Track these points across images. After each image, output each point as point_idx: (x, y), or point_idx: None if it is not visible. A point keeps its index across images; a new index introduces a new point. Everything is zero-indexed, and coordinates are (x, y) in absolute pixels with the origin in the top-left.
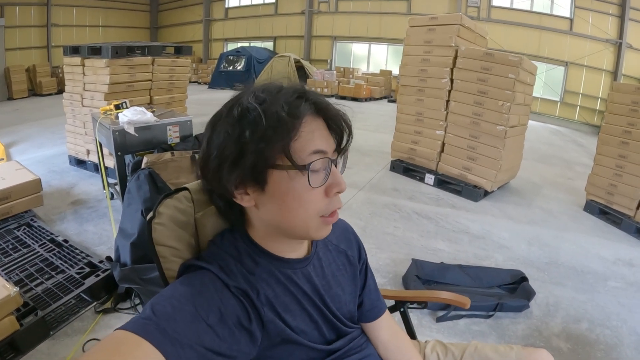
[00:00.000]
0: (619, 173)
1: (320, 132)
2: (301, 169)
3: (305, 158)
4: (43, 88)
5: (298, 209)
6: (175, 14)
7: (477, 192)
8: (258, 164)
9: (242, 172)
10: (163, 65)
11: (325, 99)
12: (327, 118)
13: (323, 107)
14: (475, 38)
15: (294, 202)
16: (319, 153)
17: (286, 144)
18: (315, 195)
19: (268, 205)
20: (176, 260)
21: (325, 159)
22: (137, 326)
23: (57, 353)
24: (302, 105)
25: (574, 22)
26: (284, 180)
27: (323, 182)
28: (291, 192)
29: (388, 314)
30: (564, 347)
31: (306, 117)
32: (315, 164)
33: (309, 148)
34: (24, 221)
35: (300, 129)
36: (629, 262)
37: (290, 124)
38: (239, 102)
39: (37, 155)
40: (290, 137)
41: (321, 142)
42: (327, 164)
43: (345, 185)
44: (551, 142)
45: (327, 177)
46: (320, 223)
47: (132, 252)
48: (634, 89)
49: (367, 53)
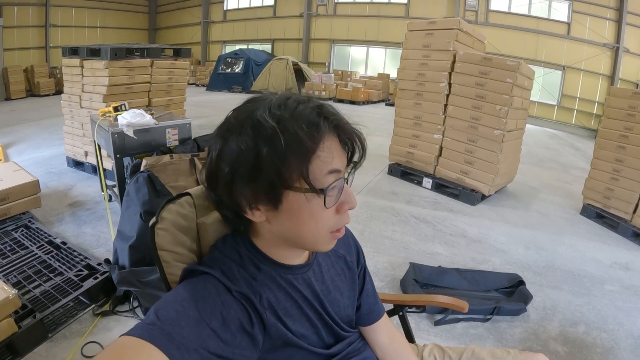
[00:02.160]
0: (616, 177)
1: (336, 150)
2: (319, 193)
3: (322, 179)
4: (41, 89)
5: (310, 227)
6: (173, 15)
7: (475, 196)
8: (274, 184)
9: (256, 190)
10: (162, 67)
11: (341, 115)
12: (342, 135)
13: (340, 125)
14: (473, 42)
15: (308, 220)
16: (334, 173)
17: (305, 167)
18: (328, 214)
19: (280, 221)
20: (178, 265)
21: (339, 179)
22: (142, 331)
23: (55, 355)
24: (321, 125)
25: (571, 27)
26: (299, 201)
27: (336, 201)
28: (305, 212)
29: (386, 318)
30: (561, 351)
31: (325, 137)
32: (331, 186)
33: (326, 168)
34: (22, 223)
35: (319, 151)
36: (625, 265)
37: (310, 146)
38: (253, 116)
39: (34, 157)
40: (309, 159)
41: (337, 160)
42: (341, 183)
43: (356, 202)
44: (548, 146)
45: (340, 195)
46: (329, 238)
47: (131, 254)
48: (631, 93)
49: (365, 56)
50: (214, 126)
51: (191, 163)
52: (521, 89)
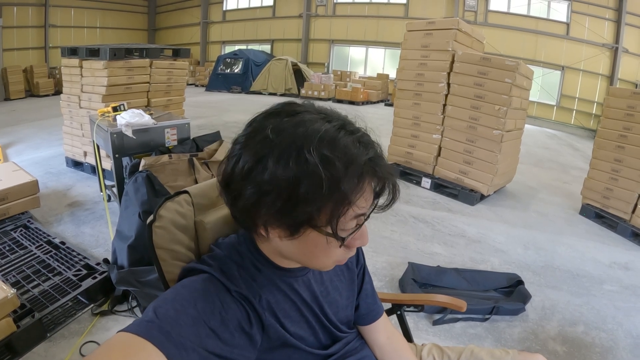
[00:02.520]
0: (615, 177)
1: (368, 195)
2: (339, 240)
3: (347, 223)
4: (40, 89)
5: (320, 259)
6: (173, 16)
7: (474, 196)
8: (300, 221)
9: (276, 220)
10: (161, 67)
11: (388, 163)
12: (375, 177)
13: (383, 177)
14: (472, 42)
15: (320, 255)
16: (360, 217)
17: (337, 216)
18: (339, 249)
19: (291, 246)
20: (176, 264)
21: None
22: (141, 329)
23: (54, 355)
24: (366, 176)
25: (570, 27)
26: (318, 239)
27: (351, 239)
28: (319, 248)
29: (385, 317)
30: (560, 350)
31: (365, 181)
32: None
33: (355, 212)
34: (21, 223)
35: (357, 202)
36: (624, 265)
37: (351, 199)
38: (299, 146)
39: (33, 157)
40: (345, 211)
41: (365, 204)
42: (361, 222)
43: (368, 240)
44: (547, 146)
45: (355, 232)
46: (332, 265)
47: (130, 254)
48: (629, 93)
49: (364, 56)
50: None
51: (190, 163)
52: (520, 89)
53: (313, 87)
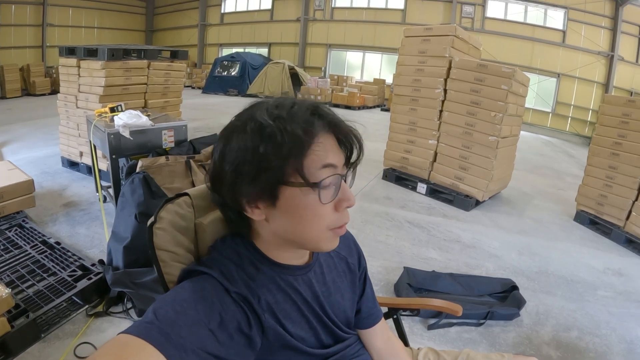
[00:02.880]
0: (609, 184)
1: (331, 147)
2: (313, 187)
3: (316, 173)
4: (37, 88)
5: (309, 223)
6: (170, 17)
7: (469, 202)
8: (272, 180)
9: (255, 187)
10: (159, 69)
11: (337, 115)
12: (338, 134)
13: (335, 124)
14: (469, 49)
15: (305, 217)
16: (329, 167)
17: (300, 162)
18: (326, 210)
19: (279, 219)
20: (176, 265)
21: (335, 175)
22: (141, 330)
23: (48, 356)
24: (316, 122)
25: (566, 34)
26: (295, 196)
27: (333, 197)
28: (302, 208)
29: (383, 322)
30: (554, 355)
31: (319, 133)
32: (326, 181)
33: (320, 162)
34: (16, 222)
35: (313, 146)
36: (618, 271)
37: (306, 141)
38: (252, 117)
39: (29, 156)
40: (304, 154)
41: (332, 156)
42: (337, 179)
43: (355, 200)
44: (542, 153)
45: (337, 192)
46: (331, 235)
47: (125, 255)
48: (624, 101)
49: (361, 61)
50: (209, 128)
51: (187, 165)
52: (516, 95)
53: (310, 91)
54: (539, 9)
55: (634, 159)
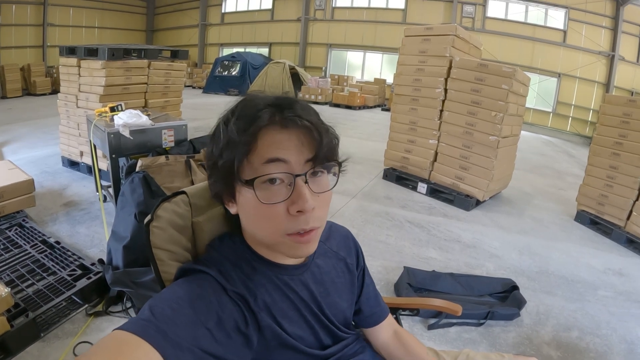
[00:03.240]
0: (610, 184)
1: (286, 141)
2: (246, 184)
3: (260, 168)
4: (37, 88)
5: (259, 225)
6: (171, 17)
7: (469, 202)
8: (224, 178)
9: (223, 185)
10: (159, 68)
11: (303, 111)
12: (297, 131)
13: (291, 120)
14: (470, 49)
15: (255, 217)
16: (275, 162)
17: (240, 160)
18: (275, 212)
19: (242, 216)
20: (173, 264)
21: (284, 174)
22: (137, 327)
23: (47, 355)
24: (264, 117)
25: (567, 34)
26: (242, 194)
27: (283, 198)
28: (249, 207)
29: (390, 319)
30: (555, 356)
31: (263, 131)
32: (262, 178)
33: (264, 156)
34: (16, 221)
35: (258, 143)
36: (618, 271)
37: (242, 139)
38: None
39: (29, 156)
40: (243, 153)
41: (281, 151)
42: (287, 178)
43: (309, 205)
44: (543, 153)
45: (290, 194)
46: (290, 241)
47: (125, 255)
48: (625, 100)
49: (361, 61)
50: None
51: (187, 164)
52: (516, 95)
53: (310, 91)
54: (540, 8)
55: (634, 159)
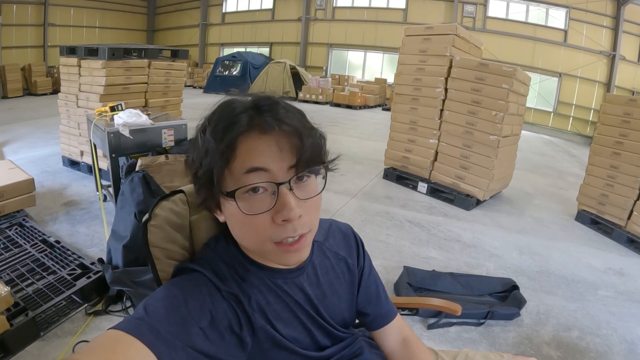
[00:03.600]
0: (611, 183)
1: (266, 149)
2: (227, 196)
3: (241, 178)
4: (38, 87)
5: (245, 234)
6: (172, 17)
7: (470, 201)
8: (206, 188)
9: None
10: (159, 68)
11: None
12: (276, 136)
13: (269, 124)
14: (470, 48)
15: (240, 226)
16: (256, 172)
17: (219, 171)
18: (260, 221)
19: (229, 224)
20: (170, 262)
21: (266, 182)
22: (131, 326)
23: (47, 354)
24: (235, 126)
25: (568, 34)
26: (226, 205)
27: (267, 208)
28: (234, 217)
29: (398, 321)
30: (555, 355)
31: (241, 138)
32: (243, 189)
33: (243, 167)
34: (16, 221)
35: (237, 152)
36: (619, 271)
37: (220, 148)
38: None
39: (30, 155)
40: (221, 164)
41: (262, 160)
42: (270, 187)
43: (295, 213)
44: (544, 152)
45: (274, 202)
46: (279, 250)
47: (124, 254)
48: (626, 100)
49: (362, 61)
50: None
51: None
52: (517, 95)
53: (311, 91)
54: (541, 8)
55: (635, 159)
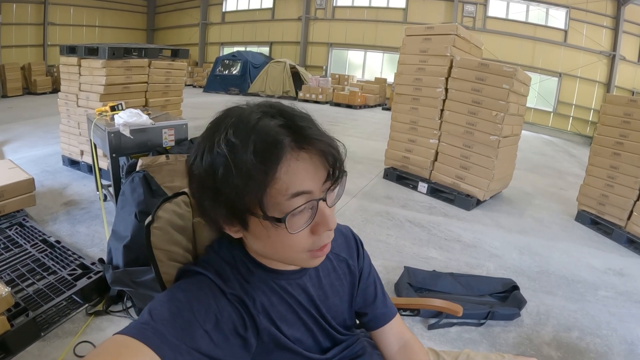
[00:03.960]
0: (611, 184)
1: (304, 170)
2: (276, 222)
3: (284, 203)
4: (38, 87)
5: (282, 250)
6: (172, 16)
7: (470, 201)
8: (235, 210)
9: (223, 214)
10: (159, 67)
11: (314, 124)
12: (313, 151)
13: (309, 140)
14: (471, 48)
15: (277, 244)
16: (301, 195)
17: (260, 196)
18: (300, 236)
19: (253, 241)
20: (173, 264)
21: (310, 201)
22: (136, 331)
23: (47, 355)
24: (281, 144)
25: (568, 34)
26: (263, 226)
27: (307, 223)
28: (273, 236)
29: (397, 322)
30: (555, 356)
31: (284, 158)
32: (295, 211)
33: (288, 192)
34: (16, 221)
35: (278, 174)
36: (619, 271)
37: (262, 175)
38: (213, 139)
39: (30, 155)
40: (263, 188)
41: (305, 182)
42: (312, 205)
43: (334, 223)
44: (544, 152)
45: (313, 217)
46: (309, 257)
47: (125, 254)
48: (626, 100)
49: (362, 60)
50: None
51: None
52: (517, 95)
53: (311, 90)
54: (541, 8)
55: (635, 159)
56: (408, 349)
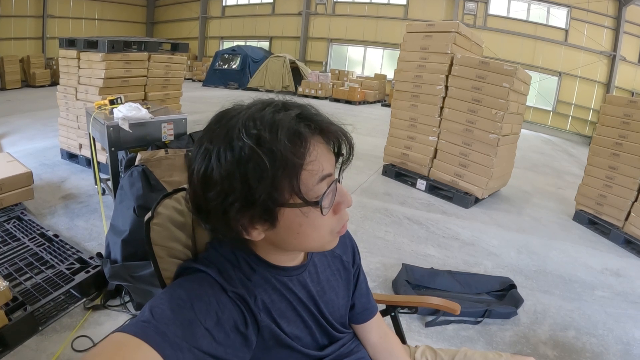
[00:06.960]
0: (609, 184)
1: (323, 155)
2: (314, 205)
3: (314, 188)
4: (36, 79)
5: (311, 236)
6: (172, 10)
7: (468, 199)
8: (267, 206)
9: (251, 215)
10: (159, 61)
11: (323, 114)
12: (327, 136)
13: (323, 127)
14: (471, 46)
15: (309, 231)
16: (326, 178)
17: (295, 183)
18: (327, 217)
19: (280, 235)
20: (173, 261)
21: (333, 183)
22: (137, 329)
23: (45, 349)
24: (304, 134)
25: (569, 33)
26: (296, 215)
27: (331, 204)
28: (305, 225)
29: (379, 317)
30: (551, 355)
31: (310, 143)
32: (327, 193)
33: (316, 177)
34: (14, 214)
35: (307, 162)
36: (616, 272)
37: (297, 162)
38: (229, 138)
39: (28, 148)
40: (298, 175)
41: (327, 165)
42: (334, 185)
43: (352, 199)
44: (543, 151)
45: (335, 197)
46: (334, 238)
47: (123, 249)
48: (626, 101)
49: (362, 56)
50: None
51: (186, 158)
52: (517, 93)
53: (310, 86)
54: (542, 7)
55: (634, 160)
56: (388, 337)
